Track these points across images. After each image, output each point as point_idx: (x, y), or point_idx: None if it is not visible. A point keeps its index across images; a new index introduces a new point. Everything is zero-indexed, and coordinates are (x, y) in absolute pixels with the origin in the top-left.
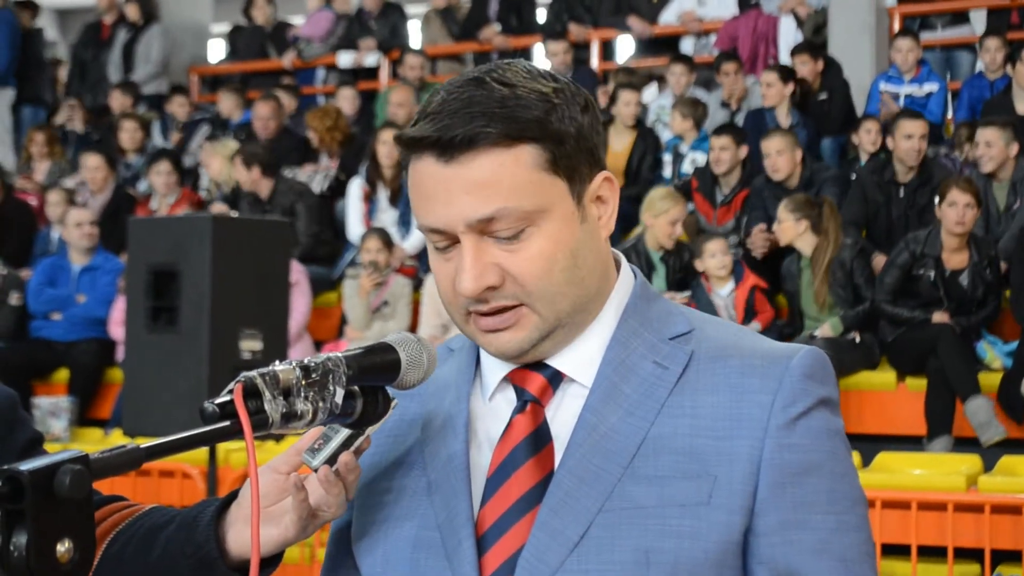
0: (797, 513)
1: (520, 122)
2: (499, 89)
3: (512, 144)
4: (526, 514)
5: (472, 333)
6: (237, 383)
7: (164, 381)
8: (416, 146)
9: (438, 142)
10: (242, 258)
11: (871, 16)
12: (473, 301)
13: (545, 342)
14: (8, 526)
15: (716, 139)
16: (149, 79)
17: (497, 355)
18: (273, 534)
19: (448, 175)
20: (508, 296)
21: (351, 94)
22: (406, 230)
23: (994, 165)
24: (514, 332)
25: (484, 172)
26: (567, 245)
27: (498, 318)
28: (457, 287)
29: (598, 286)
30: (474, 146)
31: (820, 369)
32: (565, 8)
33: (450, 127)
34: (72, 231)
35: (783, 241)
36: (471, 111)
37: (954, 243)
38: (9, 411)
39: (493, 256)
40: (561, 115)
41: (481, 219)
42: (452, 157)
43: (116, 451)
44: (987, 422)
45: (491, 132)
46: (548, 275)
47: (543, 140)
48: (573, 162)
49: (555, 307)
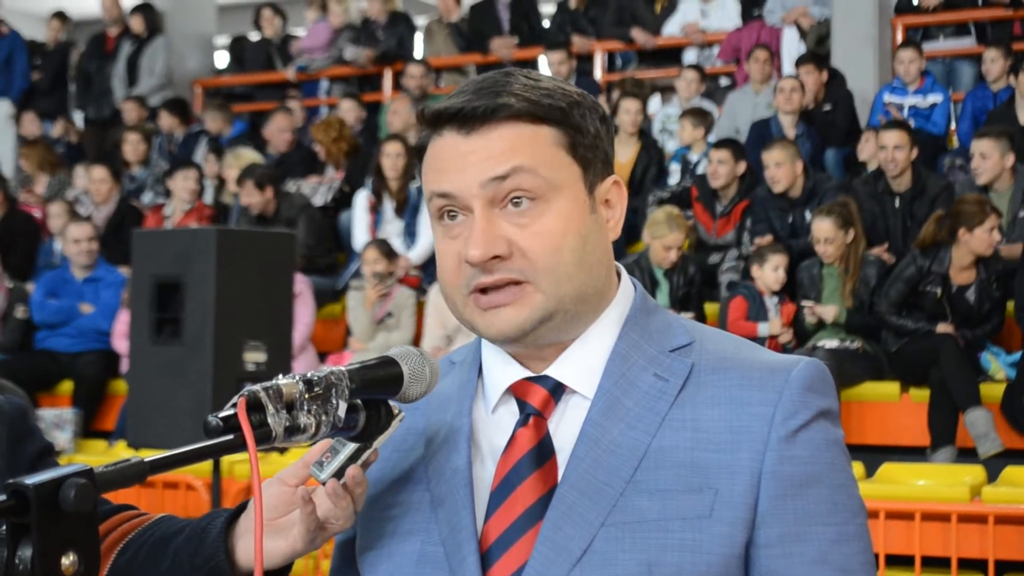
0: (798, 525)
1: (544, 106)
2: (526, 80)
3: (534, 121)
4: (530, 528)
5: (471, 316)
6: (240, 397)
7: (168, 393)
8: (438, 120)
9: (460, 113)
10: (246, 270)
11: (874, 27)
12: (478, 273)
13: (544, 326)
14: (14, 539)
15: (715, 152)
16: (153, 91)
17: (496, 336)
18: (281, 546)
19: (468, 147)
20: (514, 270)
21: (354, 106)
22: (411, 241)
23: (989, 177)
24: (516, 309)
25: (503, 142)
26: (577, 228)
27: (501, 293)
28: (465, 255)
29: (603, 282)
30: (496, 117)
31: (820, 381)
32: (569, 20)
33: (474, 100)
34: (71, 247)
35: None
36: (497, 90)
37: (966, 261)
38: (19, 421)
39: (503, 228)
40: (583, 112)
41: (495, 176)
42: (473, 128)
43: (121, 465)
44: (985, 434)
45: (514, 106)
46: (557, 253)
47: (564, 125)
48: (589, 154)
49: (559, 288)
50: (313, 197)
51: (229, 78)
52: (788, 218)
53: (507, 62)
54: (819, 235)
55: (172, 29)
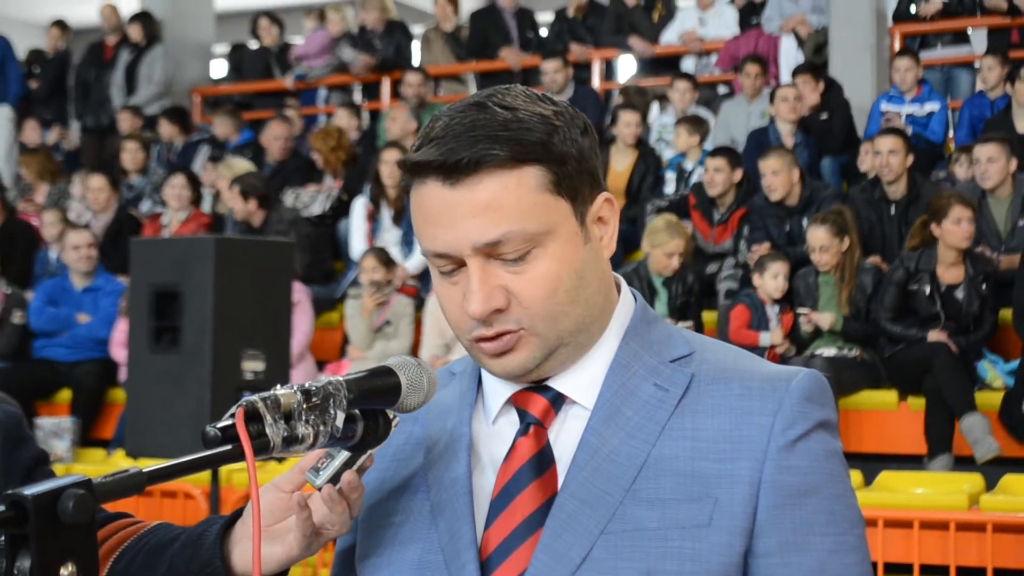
0: (796, 535)
1: (524, 144)
2: (501, 112)
3: (516, 166)
4: (529, 537)
5: (478, 357)
6: (238, 407)
7: (166, 401)
8: (421, 170)
9: (443, 165)
10: (244, 278)
11: (872, 36)
12: (479, 325)
13: (548, 361)
14: (12, 550)
15: (711, 160)
16: (152, 100)
17: (504, 376)
18: (277, 552)
19: (454, 199)
20: (511, 321)
21: (352, 114)
22: (409, 250)
23: (996, 180)
24: (517, 354)
25: (489, 195)
26: (572, 265)
27: (499, 342)
28: (465, 310)
29: (601, 307)
30: (480, 169)
31: (819, 392)
32: (567, 28)
33: (455, 150)
34: (70, 253)
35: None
36: (475, 134)
37: (950, 257)
38: (15, 429)
39: (499, 278)
40: (563, 137)
41: (488, 243)
42: (458, 180)
43: (119, 475)
44: (981, 439)
45: (496, 154)
46: (552, 296)
47: (547, 161)
48: (575, 183)
49: (556, 327)
50: (311, 206)
51: (227, 86)
52: (785, 226)
53: (516, 71)
54: (814, 243)
55: (170, 37)
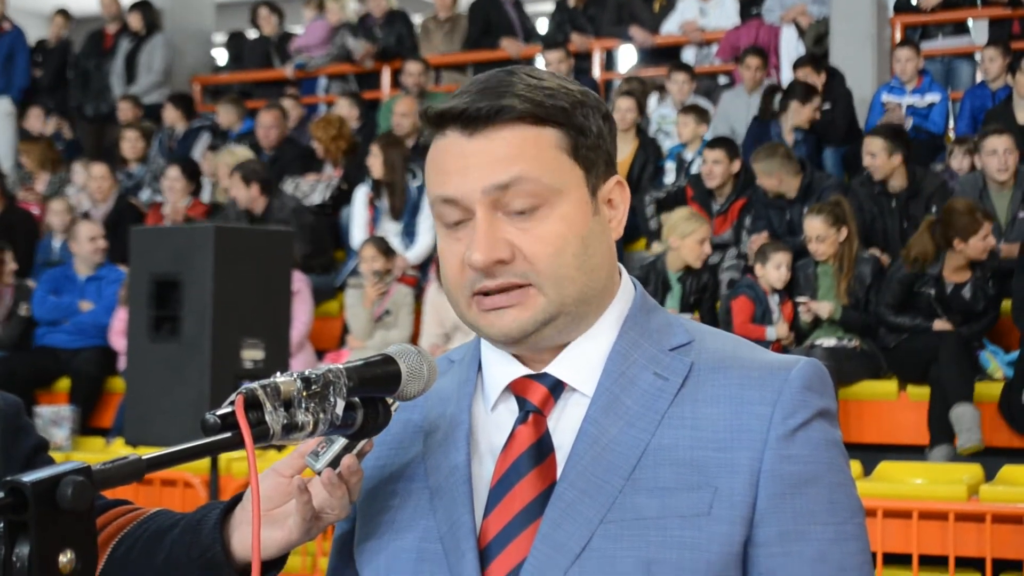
0: (796, 524)
1: (547, 107)
2: (529, 79)
3: (537, 123)
4: (528, 525)
5: (474, 318)
6: (238, 395)
7: (166, 390)
8: (442, 120)
9: (463, 113)
10: (244, 268)
11: (873, 26)
12: (481, 277)
13: (548, 327)
14: (11, 537)
15: (709, 152)
16: (152, 88)
17: (498, 336)
18: (277, 536)
19: (471, 148)
20: (517, 274)
21: (353, 103)
22: (410, 240)
23: (1008, 173)
24: (519, 311)
25: (506, 145)
26: (579, 231)
27: (504, 296)
28: (468, 259)
29: (605, 283)
30: (499, 119)
31: (818, 381)
32: (567, 18)
33: (477, 101)
34: (85, 245)
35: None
36: (500, 90)
37: (959, 262)
38: (14, 418)
39: (506, 232)
40: (586, 112)
41: (498, 185)
42: (476, 130)
43: (118, 462)
44: (967, 429)
45: (518, 108)
46: (559, 256)
47: (567, 126)
48: (592, 156)
49: (562, 291)
50: (311, 195)
51: (227, 75)
52: (786, 216)
53: (516, 60)
54: (811, 233)
55: (170, 26)
